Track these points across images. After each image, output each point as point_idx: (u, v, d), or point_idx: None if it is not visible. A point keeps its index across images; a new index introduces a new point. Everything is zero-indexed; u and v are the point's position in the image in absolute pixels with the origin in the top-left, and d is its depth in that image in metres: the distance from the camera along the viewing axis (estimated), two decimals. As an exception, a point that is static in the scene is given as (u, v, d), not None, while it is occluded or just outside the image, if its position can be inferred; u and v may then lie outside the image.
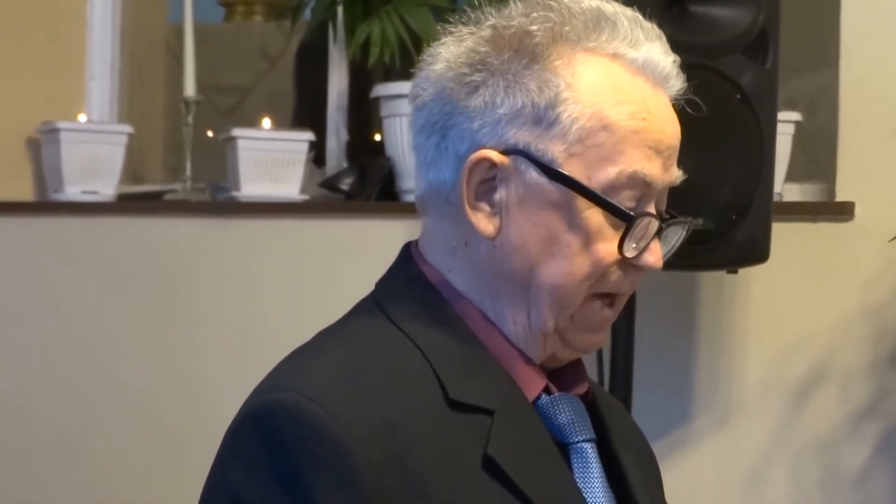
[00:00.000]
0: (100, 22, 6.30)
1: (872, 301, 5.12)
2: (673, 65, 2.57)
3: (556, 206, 2.48)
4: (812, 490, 5.19)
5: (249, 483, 2.36)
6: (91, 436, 5.62)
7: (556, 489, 2.52)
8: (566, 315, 2.52)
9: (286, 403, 2.37)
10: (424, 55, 2.62)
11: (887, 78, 4.92)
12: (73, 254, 5.90)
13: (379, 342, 2.52)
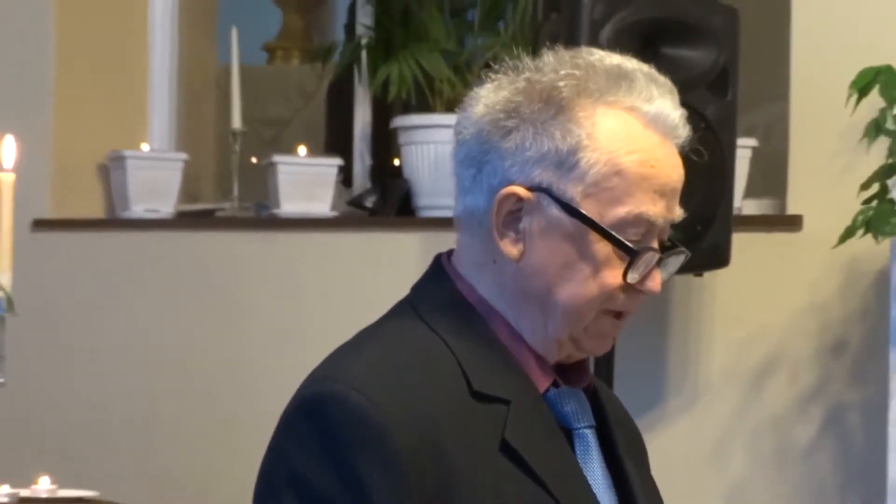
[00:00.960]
0: (159, 63, 6.31)
1: (818, 300, 5.21)
2: (680, 117, 2.54)
3: (571, 238, 2.48)
4: (766, 461, 5.26)
5: (304, 461, 2.41)
6: (155, 423, 5.68)
7: (561, 469, 2.53)
8: (580, 327, 2.52)
9: (335, 393, 2.41)
10: (467, 97, 2.62)
11: (831, 109, 4.91)
12: (137, 263, 5.96)
13: (414, 341, 2.54)
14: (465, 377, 2.50)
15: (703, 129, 4.83)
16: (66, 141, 6.06)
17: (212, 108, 6.46)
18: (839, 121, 4.94)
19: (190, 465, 5.20)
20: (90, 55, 6.18)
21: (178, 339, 5.85)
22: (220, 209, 6.10)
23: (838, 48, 5.04)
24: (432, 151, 5.46)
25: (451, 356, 2.53)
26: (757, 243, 5.22)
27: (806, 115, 5.24)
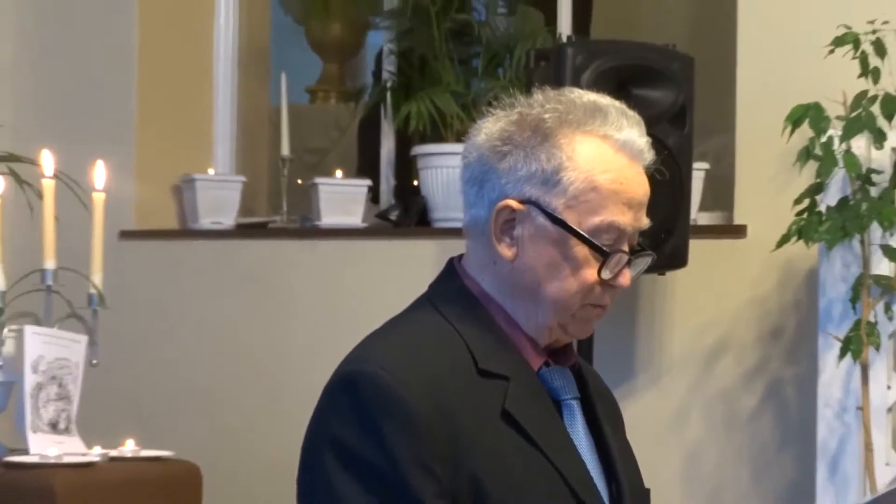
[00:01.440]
0: (222, 102, 6.28)
1: (759, 294, 5.23)
2: (646, 144, 2.58)
3: (556, 242, 2.51)
4: (717, 426, 5.29)
5: (341, 427, 2.43)
6: (219, 394, 5.68)
7: (552, 433, 2.55)
8: (566, 316, 2.54)
9: (365, 371, 2.46)
10: (472, 128, 2.66)
11: (770, 139, 4.89)
12: (204, 266, 5.98)
13: (430, 328, 2.58)
14: (472, 357, 2.53)
15: (665, 155, 4.78)
16: (146, 166, 6.04)
17: (265, 139, 6.43)
18: (776, 148, 4.92)
19: (247, 429, 5.22)
20: (166, 94, 6.17)
21: (237, 325, 5.86)
22: (272, 221, 6.09)
23: (776, 88, 5.01)
24: (445, 174, 5.48)
25: (461, 340, 2.55)
26: (709, 248, 5.21)
27: (749, 144, 5.25)
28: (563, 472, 2.55)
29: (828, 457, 4.83)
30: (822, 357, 4.85)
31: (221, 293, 5.97)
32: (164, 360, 5.84)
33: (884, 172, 4.69)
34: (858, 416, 4.75)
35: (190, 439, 4.52)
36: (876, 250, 4.72)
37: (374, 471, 2.44)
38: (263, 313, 5.84)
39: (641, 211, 2.58)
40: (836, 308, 4.80)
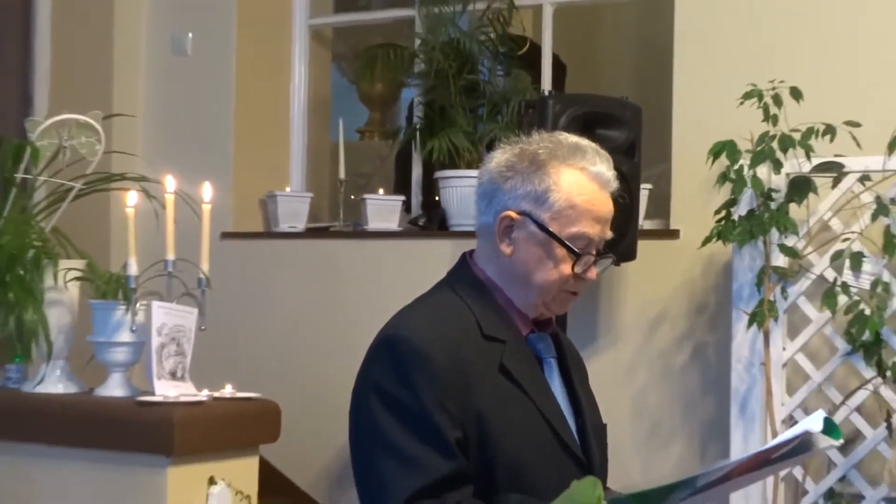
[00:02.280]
0: (296, 138, 6.27)
1: (688, 279, 5.20)
2: (613, 176, 2.62)
3: (542, 244, 2.56)
4: (657, 378, 5.26)
5: (381, 376, 2.47)
6: (295, 355, 5.69)
7: (536, 382, 2.60)
8: (548, 297, 2.59)
9: (399, 335, 2.51)
10: (486, 157, 2.70)
11: (696, 166, 4.84)
12: (283, 259, 5.94)
13: (447, 303, 2.61)
14: (478, 326, 2.58)
15: (621, 179, 4.84)
16: (241, 185, 6.03)
17: (327, 166, 6.41)
18: (701, 174, 4.87)
19: (314, 378, 5.20)
20: (256, 132, 6.15)
21: (306, 302, 5.82)
22: (332, 226, 6.05)
23: (702, 129, 4.97)
24: (458, 191, 5.45)
25: (470, 313, 2.60)
26: (652, 247, 5.17)
27: (681, 170, 5.21)
28: (543, 411, 2.60)
29: (738, 400, 4.80)
30: (734, 326, 4.82)
31: (294, 279, 5.91)
32: (252, 326, 5.82)
33: (780, 191, 4.66)
34: (761, 369, 4.72)
35: (271, 385, 4.50)
36: (774, 248, 4.68)
37: (405, 408, 2.47)
38: (326, 293, 5.80)
39: (607, 225, 2.62)
40: (745, 290, 4.76)
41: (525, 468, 2.53)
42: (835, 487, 4.67)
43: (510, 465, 2.51)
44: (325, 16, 6.58)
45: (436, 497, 2.40)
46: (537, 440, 2.58)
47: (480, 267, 2.68)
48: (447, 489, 2.42)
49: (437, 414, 2.45)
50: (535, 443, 2.57)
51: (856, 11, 4.93)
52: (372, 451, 2.49)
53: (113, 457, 3.95)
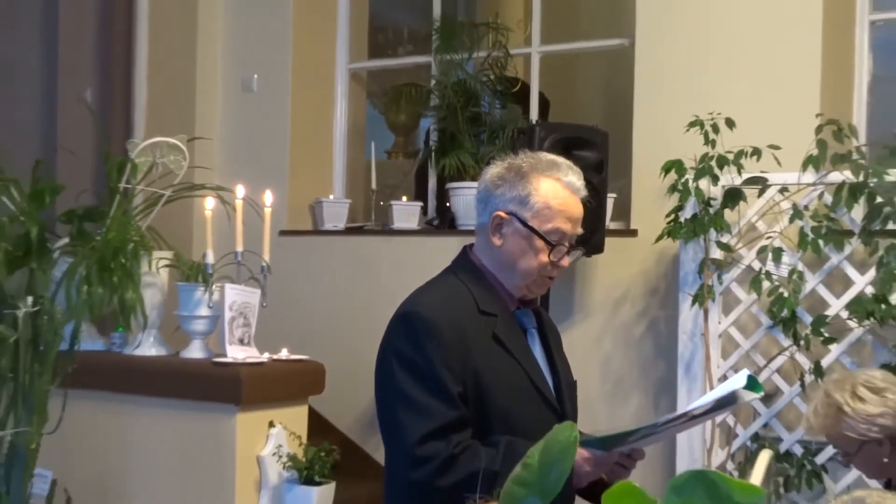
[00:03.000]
0: (338, 158, 6.23)
1: (645, 269, 5.15)
2: (582, 185, 2.60)
3: (525, 238, 2.55)
4: (619, 345, 5.22)
5: (401, 344, 2.48)
6: (335, 324, 5.68)
7: (522, 349, 2.60)
8: (530, 281, 2.58)
9: (413, 311, 2.51)
10: (483, 169, 2.69)
11: (651, 180, 4.84)
12: (327, 251, 5.91)
13: (451, 285, 2.59)
14: (475, 303, 2.57)
15: (592, 189, 4.81)
16: (295, 193, 6.02)
17: (362, 179, 6.39)
18: (655, 185, 4.86)
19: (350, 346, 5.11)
20: (307, 152, 6.16)
21: (345, 284, 5.80)
22: (365, 226, 6.01)
23: (656, 151, 4.92)
24: (464, 199, 5.42)
25: (469, 293, 2.59)
26: (616, 242, 5.12)
27: (639, 183, 5.17)
28: (527, 371, 2.61)
29: (684, 363, 4.79)
30: (681, 305, 4.81)
31: (336, 266, 5.89)
32: (302, 303, 5.78)
33: (717, 199, 4.65)
34: (701, 339, 4.72)
35: (318, 349, 4.50)
36: (712, 244, 4.67)
37: (418, 368, 2.48)
38: (360, 278, 5.77)
39: (577, 224, 2.61)
40: (689, 277, 4.75)
41: (512, 416, 2.53)
42: (759, 432, 4.67)
43: (501, 413, 2.52)
44: (361, 61, 6.58)
45: (442, 438, 2.43)
46: (522, 394, 2.58)
47: (478, 256, 2.65)
48: (451, 432, 2.45)
49: (443, 373, 2.46)
50: (520, 396, 2.57)
51: (778, 59, 4.91)
52: (392, 402, 2.51)
53: (194, 405, 3.95)
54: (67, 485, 3.41)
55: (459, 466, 2.39)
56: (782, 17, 4.92)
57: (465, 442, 2.44)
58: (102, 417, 4.08)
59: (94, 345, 4.32)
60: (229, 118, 6.27)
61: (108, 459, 4.05)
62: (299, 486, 3.81)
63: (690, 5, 5.13)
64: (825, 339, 4.44)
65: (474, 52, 6.01)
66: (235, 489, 3.81)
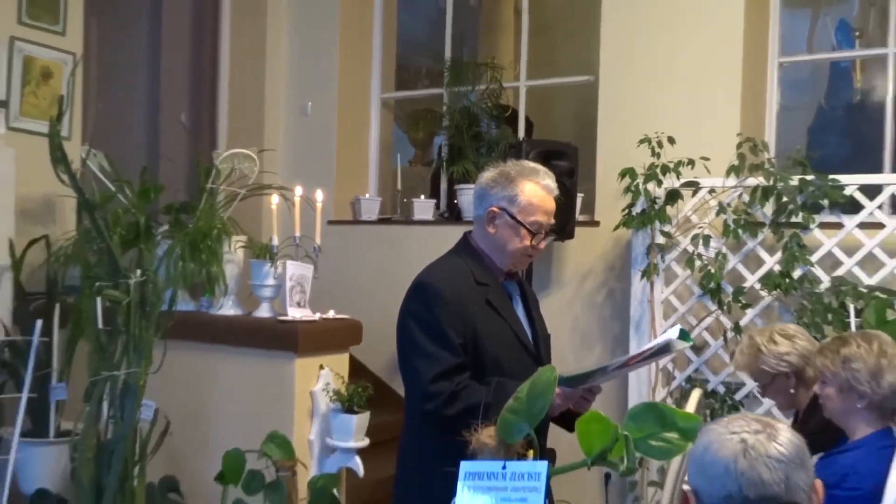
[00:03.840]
0: (372, 165, 6.20)
1: (605, 251, 5.09)
2: (555, 186, 2.61)
3: (513, 228, 2.55)
4: (585, 309, 5.16)
5: (415, 307, 2.50)
6: (370, 291, 5.60)
7: (510, 313, 2.61)
8: (515, 259, 2.59)
9: (425, 281, 2.51)
10: (480, 174, 2.68)
11: (611, 183, 4.79)
12: (363, 237, 5.85)
13: (455, 262, 2.58)
14: (473, 276, 2.56)
15: (564, 190, 4.78)
16: (340, 192, 5.99)
17: (390, 182, 6.33)
18: (613, 187, 4.80)
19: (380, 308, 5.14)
20: (347, 161, 6.13)
21: (377, 262, 5.74)
22: (392, 217, 5.99)
23: (615, 159, 4.85)
24: (468, 197, 5.40)
25: (468, 268, 2.57)
26: (583, 230, 5.07)
27: (602, 185, 5.10)
28: (512, 328, 2.60)
29: (634, 323, 4.76)
30: (633, 279, 4.77)
31: (370, 249, 5.84)
32: (345, 276, 5.72)
33: (661, 198, 4.62)
34: (648, 305, 4.70)
35: (357, 311, 4.47)
36: (657, 233, 4.64)
37: (429, 325, 2.46)
38: (388, 257, 5.72)
39: (551, 216, 2.60)
40: (639, 257, 4.71)
41: (501, 362, 2.54)
42: (691, 375, 4.65)
43: (492, 360, 2.55)
44: (389, 92, 6.53)
45: (447, 379, 2.44)
46: (508, 345, 2.59)
47: (475, 240, 2.63)
48: (454, 374, 2.46)
49: (448, 329, 2.46)
50: (507, 347, 2.58)
51: (708, 91, 4.88)
52: (410, 352, 2.51)
53: (263, 353, 3.94)
54: (167, 412, 3.41)
55: (461, 400, 2.41)
56: (712, 58, 4.88)
57: (464, 381, 2.46)
58: (193, 361, 4.07)
59: (187, 306, 4.31)
60: (290, 135, 6.23)
61: (197, 393, 4.04)
62: (342, 414, 3.80)
63: (641, 51, 5.09)
64: (742, 305, 4.44)
65: (476, 85, 5.97)
66: (294, 416, 3.80)
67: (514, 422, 1.42)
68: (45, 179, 3.57)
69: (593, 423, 1.27)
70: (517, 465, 1.35)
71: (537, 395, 1.42)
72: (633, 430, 1.26)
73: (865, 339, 2.63)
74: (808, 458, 1.68)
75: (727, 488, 1.59)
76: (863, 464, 2.50)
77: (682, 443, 1.23)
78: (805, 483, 1.63)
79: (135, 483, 3.17)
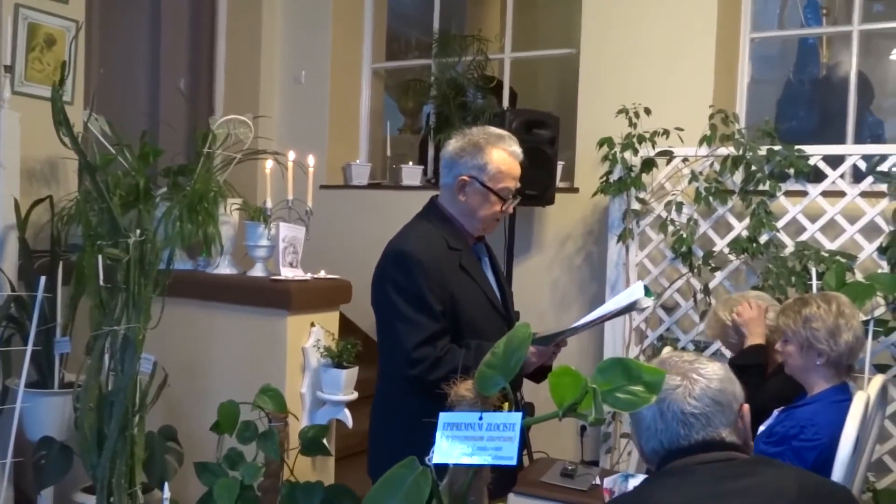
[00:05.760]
0: (363, 134, 6.18)
1: (584, 216, 5.09)
2: (520, 151, 2.55)
3: (483, 195, 2.51)
4: (564, 271, 5.17)
5: (394, 273, 2.46)
6: (355, 251, 5.61)
7: (480, 274, 2.59)
8: (485, 223, 2.56)
9: (402, 248, 2.49)
10: (446, 142, 2.62)
11: (589, 151, 4.79)
12: (355, 201, 5.82)
13: (426, 227, 2.57)
14: (446, 242, 2.53)
15: (546, 158, 4.78)
16: (332, 157, 5.97)
17: (380, 148, 6.32)
18: (592, 155, 4.80)
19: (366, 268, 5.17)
20: (339, 128, 6.11)
21: (366, 226, 5.71)
22: (382, 182, 5.98)
23: (593, 129, 4.87)
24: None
25: (440, 234, 2.53)
26: (563, 196, 5.07)
27: (581, 154, 5.10)
28: (484, 291, 2.58)
29: (611, 284, 4.78)
30: (609, 242, 4.77)
31: (360, 212, 5.82)
32: (336, 238, 5.69)
33: (637, 167, 4.62)
34: (623, 267, 4.72)
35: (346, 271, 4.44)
36: (633, 199, 4.65)
37: (409, 291, 2.43)
38: (377, 220, 5.64)
39: (517, 181, 2.55)
40: (615, 222, 4.72)
41: (476, 323, 2.52)
42: (663, 334, 4.69)
43: (468, 322, 2.52)
44: (380, 62, 6.49)
45: (430, 344, 2.43)
46: (482, 307, 2.57)
47: (444, 206, 2.60)
48: (435, 340, 2.44)
49: (428, 296, 2.43)
50: (481, 309, 2.57)
51: (683, 65, 4.88)
52: (391, 319, 2.47)
53: (257, 310, 3.93)
54: (165, 366, 3.41)
55: (444, 364, 2.39)
56: (687, 34, 4.88)
57: (446, 346, 2.44)
58: (190, 318, 4.07)
59: (185, 265, 4.29)
60: (284, 102, 6.20)
61: (194, 348, 4.04)
62: (332, 369, 3.81)
63: (620, 25, 5.07)
64: (712, 268, 4.46)
65: (463, 56, 5.94)
66: (286, 371, 3.80)
67: (490, 376, 1.42)
68: (48, 142, 3.53)
69: (564, 377, 1.27)
70: (493, 416, 1.36)
71: (512, 350, 1.41)
72: (602, 383, 1.27)
73: (825, 300, 2.67)
74: (727, 392, 1.71)
75: (651, 443, 1.73)
76: (820, 416, 2.53)
77: (647, 395, 1.24)
78: (727, 418, 1.69)
79: (135, 432, 3.17)
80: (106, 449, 3.07)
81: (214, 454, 3.37)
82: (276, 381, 3.62)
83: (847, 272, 3.80)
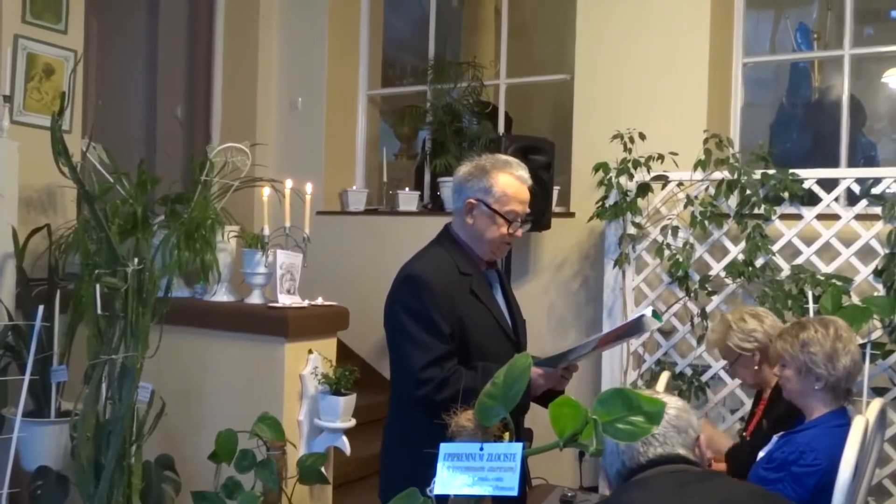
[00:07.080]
0: (360, 159, 6.18)
1: (580, 241, 5.09)
2: (528, 176, 2.57)
3: (490, 217, 2.52)
4: (561, 295, 5.17)
5: (406, 297, 2.45)
6: (354, 278, 5.56)
7: (491, 300, 2.59)
8: (494, 247, 2.56)
9: (413, 273, 2.49)
10: (456, 167, 2.66)
11: (585, 176, 4.78)
12: (351, 227, 5.82)
13: (438, 253, 2.57)
14: (457, 267, 2.53)
15: (541, 183, 4.78)
16: (328, 184, 5.98)
17: (377, 174, 6.33)
18: (588, 180, 4.80)
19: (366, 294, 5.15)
20: (336, 154, 6.12)
21: (363, 251, 5.72)
22: (378, 208, 5.97)
23: (589, 155, 4.87)
24: (450, 189, 5.40)
25: (451, 259, 2.54)
26: (559, 221, 5.08)
27: (577, 178, 5.11)
28: (494, 315, 2.58)
29: (608, 309, 4.77)
30: (606, 267, 4.76)
31: (357, 238, 5.83)
32: (333, 264, 5.70)
33: (632, 191, 4.63)
34: (620, 292, 4.72)
35: (344, 297, 4.45)
36: (628, 223, 4.65)
37: (419, 314, 2.43)
38: (374, 246, 5.71)
39: (525, 205, 2.58)
40: (612, 247, 4.72)
41: (485, 348, 2.52)
42: (661, 358, 4.68)
43: (477, 346, 2.52)
44: (376, 89, 6.51)
45: (438, 365, 2.43)
46: (491, 332, 2.57)
47: (455, 231, 2.62)
48: (444, 361, 2.44)
49: (437, 318, 2.43)
50: (490, 333, 2.56)
51: (677, 89, 4.90)
52: (400, 340, 2.47)
53: (254, 337, 3.92)
54: (162, 394, 3.39)
55: (451, 385, 2.39)
56: (680, 59, 4.90)
57: (453, 367, 2.44)
58: (188, 346, 4.05)
59: (182, 293, 4.28)
60: (281, 129, 6.21)
61: (191, 376, 4.02)
62: (330, 396, 3.79)
63: (614, 51, 5.10)
64: (708, 292, 4.46)
65: (458, 82, 5.97)
66: (284, 398, 3.78)
67: (490, 406, 1.42)
68: (46, 171, 3.53)
69: (565, 408, 1.27)
70: (494, 447, 1.35)
71: (513, 380, 1.41)
72: (602, 413, 1.26)
73: (822, 324, 2.66)
74: (683, 419, 1.91)
75: (616, 466, 1.90)
76: (819, 441, 2.51)
77: (647, 426, 1.23)
78: (683, 440, 1.89)
79: (132, 461, 3.15)
80: (103, 479, 3.05)
81: (212, 483, 3.34)
82: (273, 409, 3.60)
83: (843, 295, 3.80)
